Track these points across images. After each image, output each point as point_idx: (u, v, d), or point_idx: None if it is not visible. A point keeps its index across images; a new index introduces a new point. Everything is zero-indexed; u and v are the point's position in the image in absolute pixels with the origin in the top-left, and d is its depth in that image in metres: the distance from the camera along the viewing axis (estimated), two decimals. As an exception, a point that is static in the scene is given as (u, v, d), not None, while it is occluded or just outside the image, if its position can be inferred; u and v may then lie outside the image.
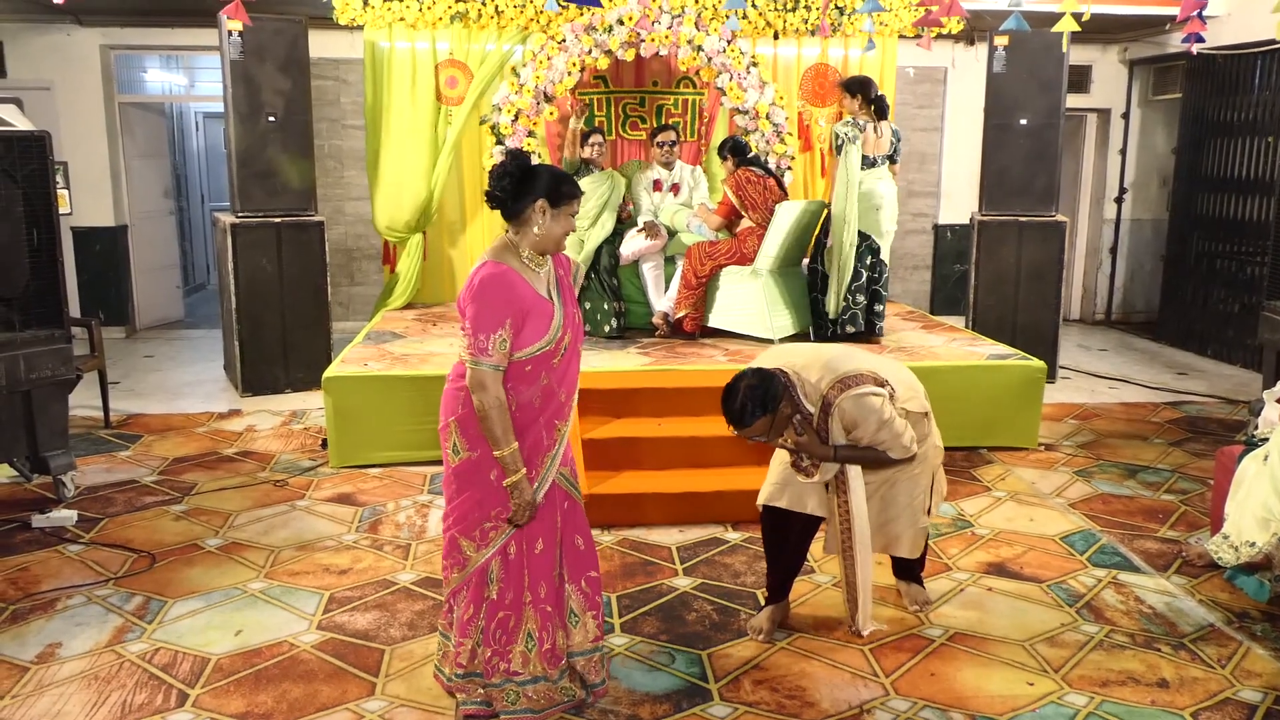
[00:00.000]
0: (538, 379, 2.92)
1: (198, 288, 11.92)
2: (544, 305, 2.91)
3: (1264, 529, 3.92)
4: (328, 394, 5.40)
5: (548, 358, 2.92)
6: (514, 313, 2.84)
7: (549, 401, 2.96)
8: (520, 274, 2.90)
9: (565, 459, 3.07)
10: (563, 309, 2.96)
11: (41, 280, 4.69)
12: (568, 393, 3.01)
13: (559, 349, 2.94)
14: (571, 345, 2.99)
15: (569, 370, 3.00)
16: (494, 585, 3.00)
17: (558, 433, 3.01)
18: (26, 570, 4.15)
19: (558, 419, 3.00)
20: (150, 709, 3.15)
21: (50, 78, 8.52)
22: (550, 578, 3.04)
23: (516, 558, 2.99)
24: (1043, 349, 6.91)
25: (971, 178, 7.94)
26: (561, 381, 2.98)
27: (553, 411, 2.98)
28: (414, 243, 7.72)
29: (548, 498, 3.01)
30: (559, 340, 2.93)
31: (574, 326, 3.00)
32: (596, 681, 3.14)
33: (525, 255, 2.94)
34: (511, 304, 2.84)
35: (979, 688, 3.31)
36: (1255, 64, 8.23)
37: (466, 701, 3.08)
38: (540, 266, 2.97)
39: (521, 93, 7.16)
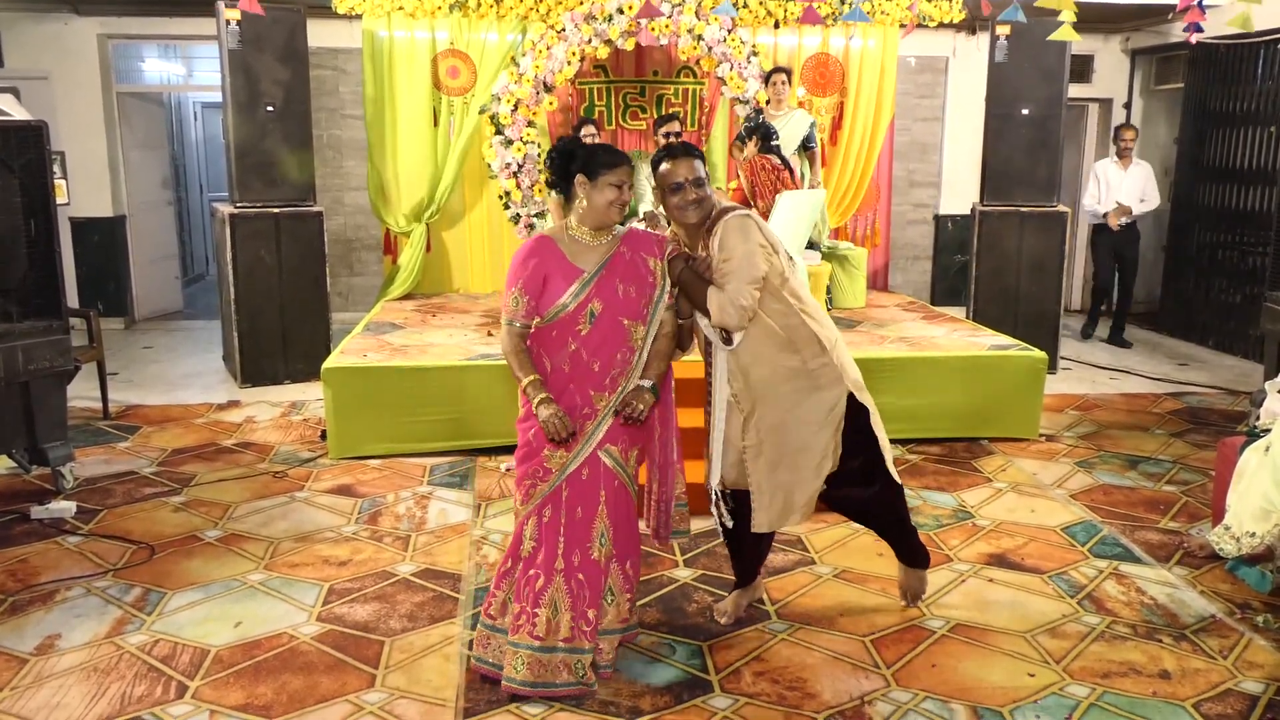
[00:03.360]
0: (564, 345, 3.11)
1: (196, 278, 11.90)
2: (570, 271, 3.10)
3: (1265, 520, 3.91)
4: (327, 385, 5.38)
5: (569, 323, 3.09)
6: (528, 276, 3.10)
7: (579, 368, 3.12)
8: (559, 244, 3.15)
9: (614, 438, 3.17)
10: (596, 279, 3.10)
11: (39, 271, 4.67)
12: (603, 364, 3.13)
13: (581, 316, 3.09)
14: (604, 316, 3.11)
15: (605, 343, 3.12)
16: (528, 542, 3.18)
17: (597, 403, 3.14)
18: (25, 562, 4.14)
19: (594, 388, 3.13)
20: (150, 701, 3.14)
21: (47, 67, 8.48)
22: (585, 549, 3.16)
23: (551, 520, 3.15)
24: (1044, 339, 6.90)
25: (973, 168, 7.91)
26: (595, 352, 3.12)
27: (587, 380, 3.12)
28: (417, 234, 7.71)
29: (591, 471, 3.15)
30: (580, 306, 3.08)
31: (613, 300, 3.12)
32: (605, 664, 3.24)
33: (573, 229, 3.17)
34: (527, 268, 3.10)
35: (980, 679, 3.30)
36: (1258, 54, 8.20)
37: (481, 659, 3.25)
38: (595, 239, 3.15)
39: (521, 82, 7.14)
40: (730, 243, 3.21)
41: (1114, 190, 8.29)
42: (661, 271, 3.22)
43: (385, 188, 7.72)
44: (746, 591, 3.74)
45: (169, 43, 10.19)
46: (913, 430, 5.69)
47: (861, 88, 8.07)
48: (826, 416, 3.36)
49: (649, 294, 3.19)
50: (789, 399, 3.33)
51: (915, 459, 5.50)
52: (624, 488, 3.22)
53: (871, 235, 8.65)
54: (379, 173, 7.69)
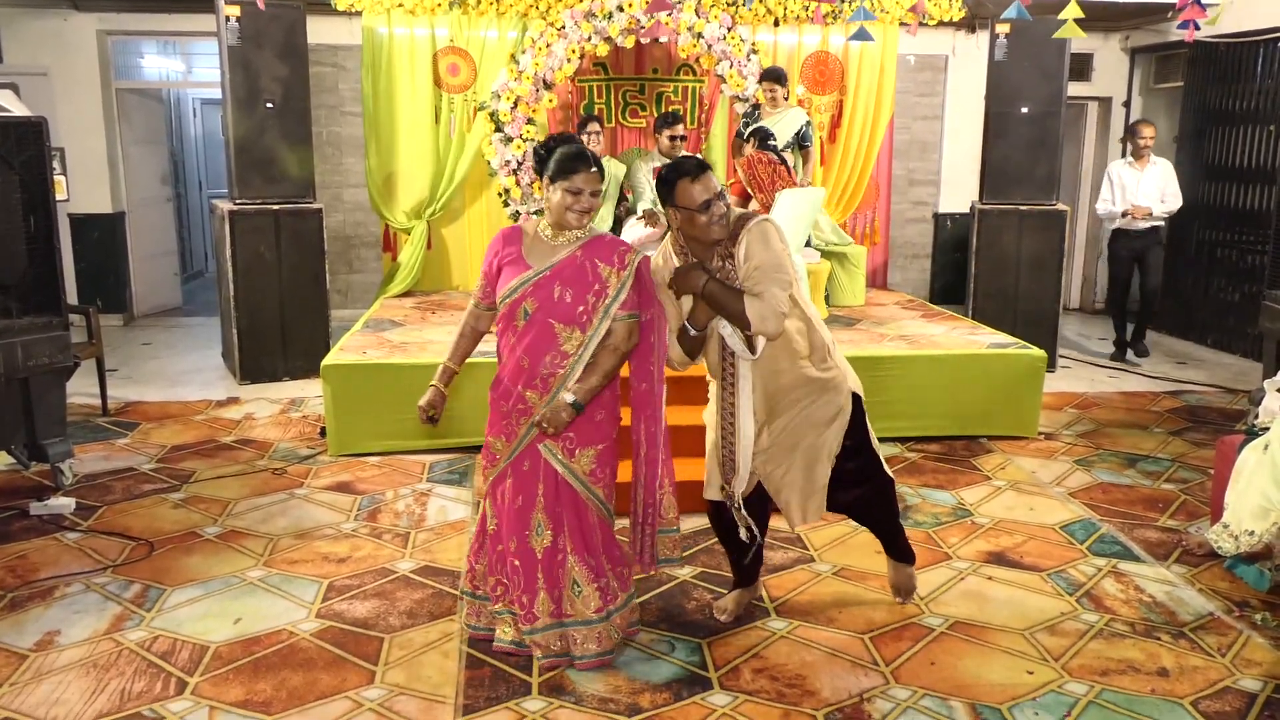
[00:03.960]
0: (507, 335, 3.23)
1: (196, 275, 11.89)
2: (521, 266, 3.17)
3: (1263, 518, 3.91)
4: (326, 382, 5.38)
5: (509, 316, 3.19)
6: (488, 260, 3.27)
7: (514, 362, 3.19)
8: (524, 237, 3.23)
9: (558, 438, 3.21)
10: (537, 279, 3.14)
11: (39, 267, 4.66)
12: (533, 363, 3.17)
13: (517, 311, 3.16)
14: (537, 317, 3.15)
15: (535, 342, 3.16)
16: (491, 520, 3.35)
17: (529, 399, 3.19)
18: (25, 558, 4.14)
19: (524, 384, 3.19)
20: (149, 697, 3.14)
21: (46, 63, 8.46)
22: (524, 537, 3.26)
23: (503, 501, 3.30)
24: (1043, 338, 6.90)
25: (972, 166, 7.92)
26: (527, 349, 3.17)
27: (519, 375, 3.19)
28: (418, 231, 7.71)
29: (532, 464, 3.23)
30: (516, 301, 3.15)
31: (548, 303, 3.14)
32: (581, 654, 3.29)
33: (541, 226, 3.23)
34: (491, 251, 3.26)
35: (979, 676, 3.30)
36: (1257, 52, 8.20)
37: (475, 626, 3.46)
38: (555, 241, 3.19)
39: (521, 79, 7.13)
40: (758, 249, 3.19)
41: (1130, 193, 7.72)
42: (615, 280, 3.16)
43: (385, 185, 7.71)
44: (748, 590, 3.75)
45: (168, 39, 10.17)
46: (911, 428, 5.69)
47: (861, 86, 8.07)
48: (836, 417, 3.40)
49: (591, 302, 3.14)
50: (803, 403, 3.36)
51: (914, 457, 5.50)
52: (569, 485, 3.25)
53: (871, 234, 8.65)
54: (379, 170, 7.69)
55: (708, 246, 3.26)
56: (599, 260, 3.17)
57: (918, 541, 4.33)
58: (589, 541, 3.30)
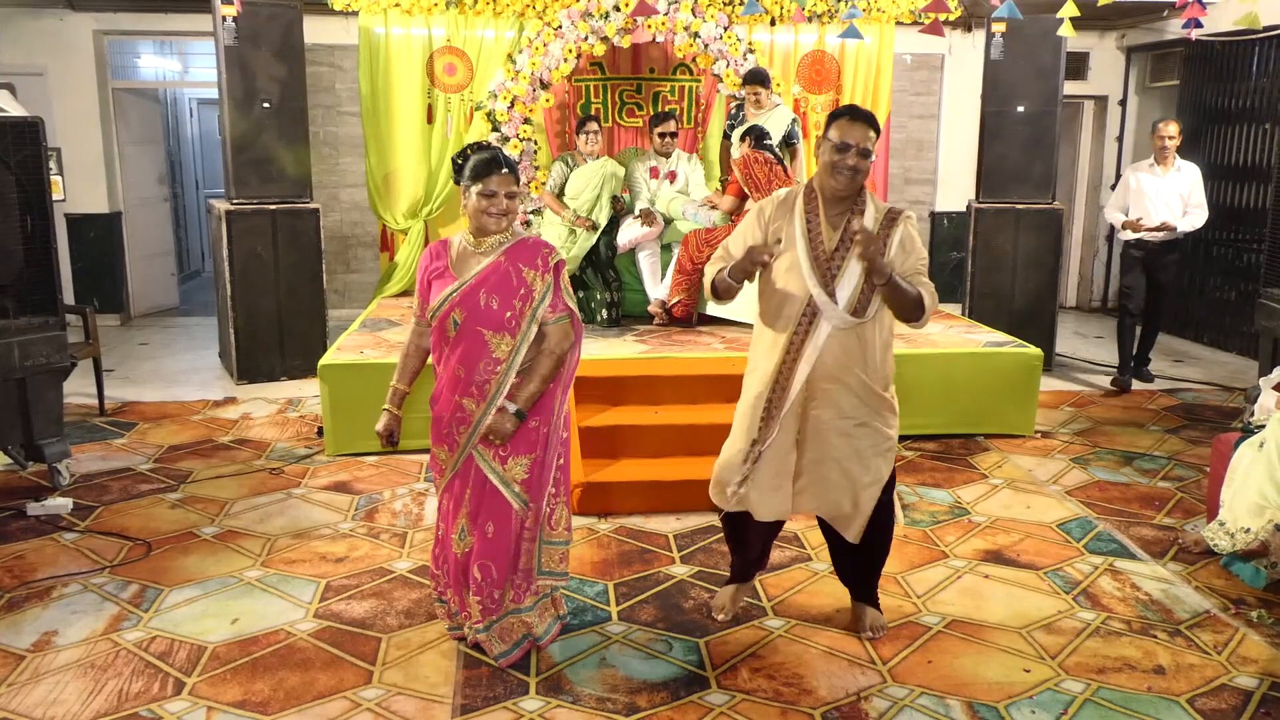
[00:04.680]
0: (440, 349, 3.24)
1: (193, 275, 11.88)
2: (446, 278, 3.20)
3: (1259, 516, 3.92)
4: (323, 382, 5.38)
5: (440, 329, 3.24)
6: (420, 275, 3.28)
7: (449, 372, 3.21)
8: (451, 250, 3.26)
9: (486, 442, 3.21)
10: (462, 289, 3.15)
11: (35, 267, 4.66)
12: (468, 372, 3.18)
13: (447, 323, 3.17)
14: (465, 326, 3.16)
15: (468, 352, 3.17)
16: (440, 526, 3.42)
17: (468, 408, 3.19)
18: (22, 558, 4.14)
19: (461, 394, 3.19)
20: (147, 697, 3.14)
21: (43, 63, 8.46)
22: (449, 541, 3.34)
23: (445, 509, 3.36)
24: (1039, 336, 6.91)
25: (968, 165, 7.92)
26: (460, 359, 3.19)
27: (456, 385, 3.20)
28: (415, 230, 7.71)
29: (463, 470, 3.26)
30: (445, 313, 3.17)
31: (475, 311, 3.15)
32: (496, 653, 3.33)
33: (465, 236, 3.26)
34: (420, 268, 3.28)
35: (976, 675, 3.31)
36: (1253, 51, 8.21)
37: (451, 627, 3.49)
38: (478, 247, 3.21)
39: (517, 79, 7.13)
40: (918, 244, 3.22)
41: (1151, 200, 6.86)
42: (541, 284, 3.15)
43: (383, 185, 7.71)
44: (744, 588, 3.75)
45: (165, 39, 10.16)
46: (909, 427, 5.67)
47: (857, 85, 8.07)
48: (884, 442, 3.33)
49: (516, 307, 3.15)
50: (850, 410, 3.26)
51: (911, 455, 5.51)
52: (496, 492, 3.24)
53: (868, 232, 8.63)
54: (376, 170, 7.69)
55: (838, 202, 3.19)
56: (523, 265, 3.18)
57: (915, 540, 4.35)
58: (494, 549, 3.24)
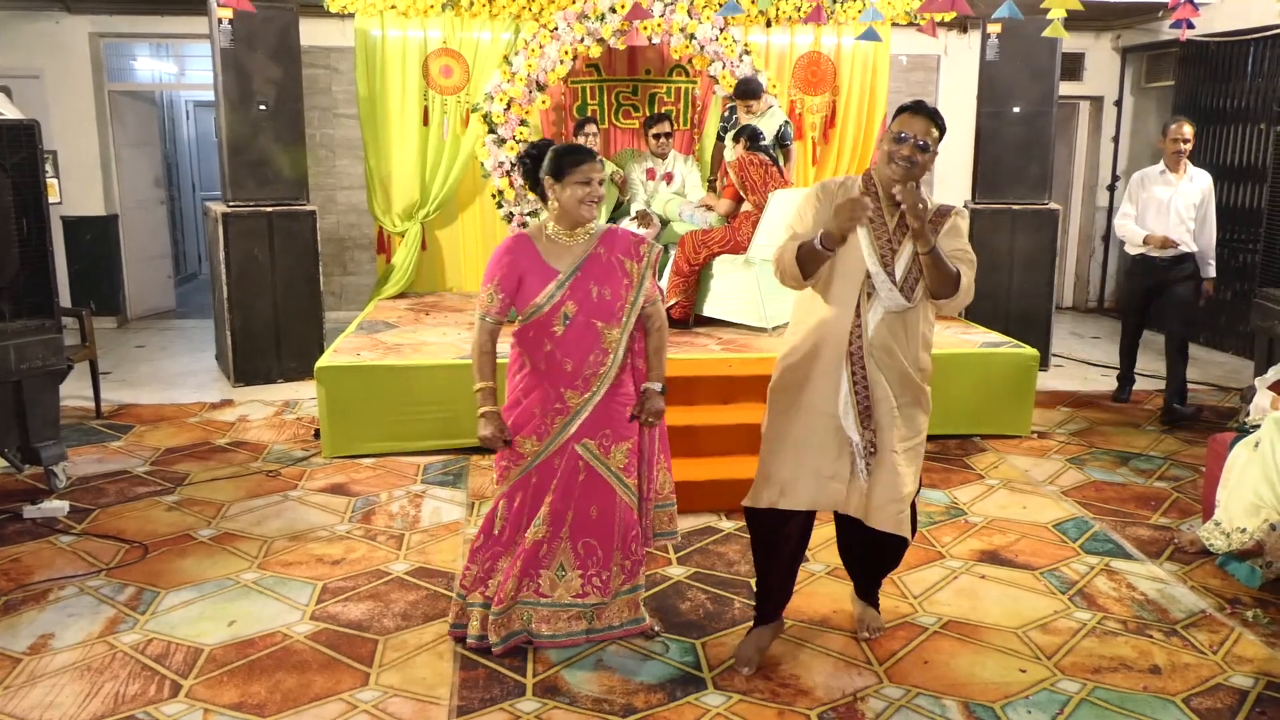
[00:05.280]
0: (541, 345, 3.19)
1: (189, 277, 11.88)
2: (545, 271, 3.17)
3: (1255, 515, 3.93)
4: (320, 384, 5.38)
5: (544, 324, 3.17)
6: (503, 274, 3.18)
7: (554, 367, 3.20)
8: (536, 243, 3.22)
9: (590, 432, 3.26)
10: (570, 282, 3.16)
11: (31, 270, 4.66)
12: (576, 364, 3.20)
13: (555, 318, 3.16)
14: (578, 318, 3.18)
15: (579, 344, 3.19)
16: (499, 522, 3.35)
17: (570, 400, 3.22)
18: (18, 561, 4.13)
19: (565, 386, 3.22)
20: (143, 700, 3.14)
21: (39, 66, 8.46)
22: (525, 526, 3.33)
23: (520, 506, 3.33)
24: (1035, 337, 6.92)
25: (964, 166, 7.93)
26: (569, 352, 3.19)
27: (560, 378, 3.21)
28: (412, 232, 7.71)
29: (564, 463, 3.26)
30: (554, 308, 3.16)
31: (586, 302, 3.18)
32: (547, 634, 3.37)
33: (550, 229, 3.23)
34: (502, 266, 3.18)
35: (972, 675, 3.32)
36: (1248, 51, 8.23)
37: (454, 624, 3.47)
38: (570, 240, 3.21)
39: (514, 81, 7.13)
40: (963, 235, 3.24)
41: (1161, 210, 6.20)
42: (637, 273, 3.24)
43: (379, 187, 7.70)
44: (772, 628, 3.44)
45: (161, 41, 10.16)
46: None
47: (853, 86, 8.07)
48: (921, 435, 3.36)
49: (624, 296, 3.23)
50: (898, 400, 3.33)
51: (908, 456, 5.51)
52: (600, 479, 3.30)
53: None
54: (373, 172, 7.68)
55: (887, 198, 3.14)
56: (623, 256, 3.25)
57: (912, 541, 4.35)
58: (600, 533, 3.34)
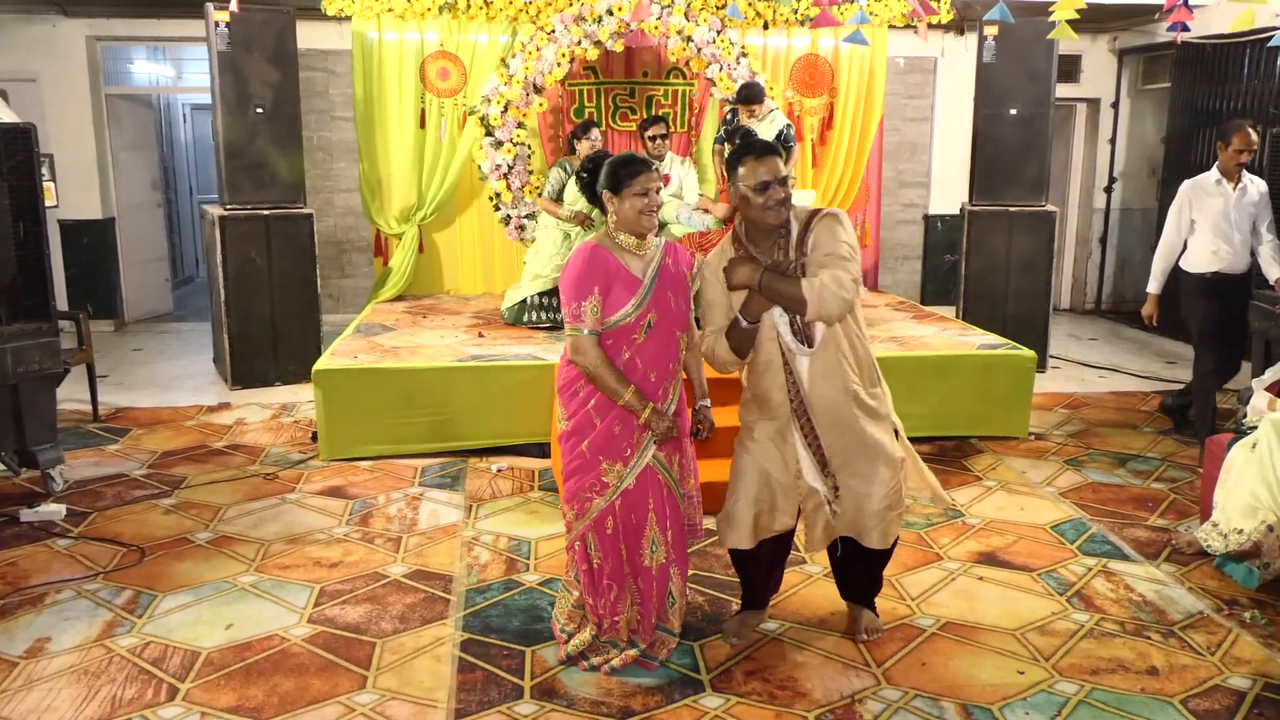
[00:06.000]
0: (619, 353, 3.15)
1: (186, 280, 11.87)
2: (630, 279, 3.15)
3: (1252, 517, 3.93)
4: (318, 387, 5.38)
5: (628, 332, 3.14)
6: (600, 281, 3.11)
7: (633, 375, 3.17)
8: (611, 252, 3.17)
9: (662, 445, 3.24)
10: (653, 290, 3.16)
11: (28, 273, 4.66)
12: (658, 375, 3.19)
13: (640, 325, 3.14)
14: (659, 326, 3.17)
15: (660, 353, 3.18)
16: (595, 555, 3.27)
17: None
18: (15, 565, 4.13)
19: (649, 397, 3.18)
20: (140, 703, 3.14)
21: (36, 69, 8.45)
22: (638, 558, 3.28)
23: (614, 532, 3.24)
24: (1033, 338, 6.93)
25: (962, 168, 7.94)
26: (651, 362, 3.17)
27: (642, 387, 3.17)
28: (409, 235, 7.71)
29: (640, 480, 3.23)
30: (641, 315, 3.14)
31: (666, 311, 3.18)
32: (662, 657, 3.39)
33: (621, 239, 3.20)
34: (597, 273, 3.11)
35: (970, 676, 3.32)
36: (1244, 53, 8.24)
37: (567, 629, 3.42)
38: (640, 249, 3.20)
39: (511, 84, 7.14)
40: (825, 239, 3.13)
41: (1224, 222, 5.57)
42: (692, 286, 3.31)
43: (376, 190, 7.71)
44: (756, 614, 3.63)
45: (158, 44, 10.16)
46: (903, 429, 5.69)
47: (850, 88, 8.08)
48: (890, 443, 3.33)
49: (690, 307, 3.29)
50: (854, 424, 3.24)
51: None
52: (671, 493, 3.31)
53: (861, 235, 8.65)
54: (370, 175, 7.69)
55: (767, 234, 3.18)
56: (685, 268, 3.29)
57: (909, 542, 4.36)
58: (682, 550, 3.39)
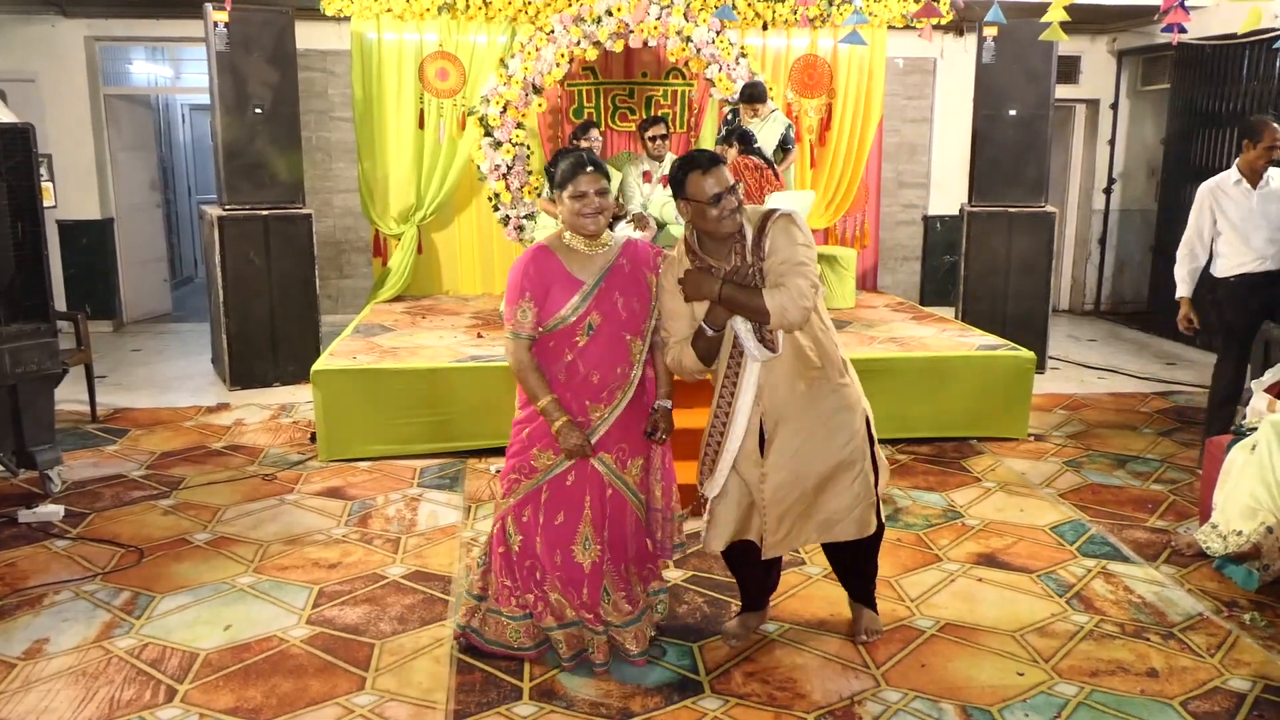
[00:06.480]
0: (561, 355, 3.14)
1: (185, 281, 11.87)
2: (571, 282, 3.12)
3: (1251, 518, 3.93)
4: (316, 387, 5.37)
5: (569, 334, 3.12)
6: (532, 286, 3.11)
7: (575, 379, 3.16)
8: (558, 253, 3.16)
9: (607, 446, 3.23)
10: (596, 292, 3.12)
11: (27, 274, 4.65)
12: (602, 377, 3.17)
13: (581, 327, 3.12)
14: (604, 329, 3.14)
15: (604, 356, 3.15)
16: (514, 538, 3.29)
17: (592, 413, 3.19)
18: (13, 566, 4.12)
19: (590, 399, 3.18)
20: (138, 705, 3.13)
21: (35, 69, 8.45)
22: (569, 552, 3.25)
23: (530, 520, 3.26)
24: (1032, 339, 6.93)
25: (961, 168, 7.94)
26: (594, 364, 3.15)
27: (584, 390, 3.17)
28: (408, 236, 7.71)
29: (578, 478, 3.22)
30: (581, 318, 3.11)
31: (612, 314, 3.14)
32: (636, 651, 3.34)
33: (568, 238, 3.19)
34: (530, 278, 3.11)
35: (970, 678, 3.31)
36: (1243, 54, 8.24)
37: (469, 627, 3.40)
38: (590, 248, 3.17)
39: (510, 84, 7.13)
40: (781, 243, 3.09)
41: (1252, 223, 5.34)
42: (654, 287, 3.23)
43: (375, 190, 7.71)
44: (755, 616, 3.62)
45: (156, 45, 10.15)
46: (902, 430, 5.70)
47: (850, 89, 8.09)
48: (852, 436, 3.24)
49: (647, 309, 3.22)
50: (813, 422, 3.19)
51: (904, 459, 5.51)
52: (619, 495, 3.27)
53: (861, 236, 8.67)
54: (369, 175, 7.69)
55: (721, 242, 3.14)
56: (643, 268, 3.23)
57: (908, 544, 4.35)
58: (623, 551, 3.34)
